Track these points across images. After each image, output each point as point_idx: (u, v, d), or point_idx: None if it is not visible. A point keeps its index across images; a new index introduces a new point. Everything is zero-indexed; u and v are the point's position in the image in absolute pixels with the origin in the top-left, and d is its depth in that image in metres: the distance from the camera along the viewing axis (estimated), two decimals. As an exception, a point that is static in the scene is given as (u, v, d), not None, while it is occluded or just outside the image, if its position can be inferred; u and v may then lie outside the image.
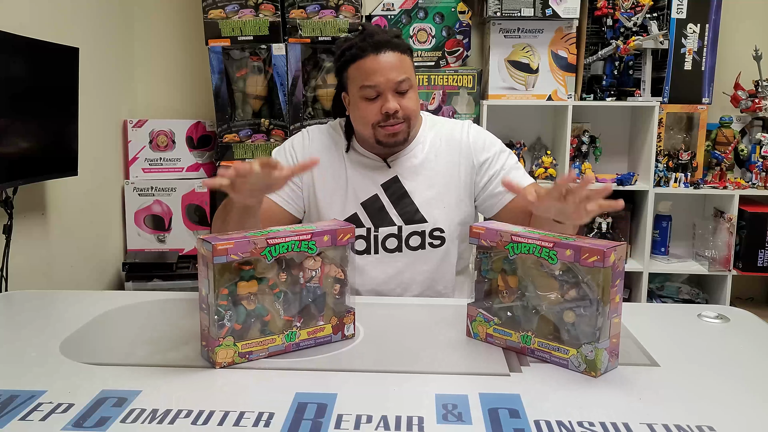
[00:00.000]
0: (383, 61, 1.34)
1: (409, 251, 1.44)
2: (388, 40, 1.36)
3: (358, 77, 1.37)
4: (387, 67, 1.34)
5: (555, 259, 0.98)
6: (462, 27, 2.68)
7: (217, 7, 2.50)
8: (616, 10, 2.57)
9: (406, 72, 1.37)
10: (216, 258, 0.95)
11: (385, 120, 1.36)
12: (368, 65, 1.35)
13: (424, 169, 1.45)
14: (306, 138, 1.51)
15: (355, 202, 1.45)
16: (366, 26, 1.42)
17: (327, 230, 1.05)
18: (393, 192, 1.45)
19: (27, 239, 2.04)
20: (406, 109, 1.37)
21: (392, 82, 1.35)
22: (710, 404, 0.89)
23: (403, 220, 1.44)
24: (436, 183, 1.45)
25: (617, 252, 0.95)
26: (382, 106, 1.35)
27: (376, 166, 1.46)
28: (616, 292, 0.96)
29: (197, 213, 2.71)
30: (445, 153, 1.46)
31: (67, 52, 2.04)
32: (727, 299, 2.61)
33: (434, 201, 1.44)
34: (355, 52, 1.36)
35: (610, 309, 0.95)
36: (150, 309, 1.31)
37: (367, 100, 1.37)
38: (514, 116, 2.77)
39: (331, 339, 1.09)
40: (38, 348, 1.07)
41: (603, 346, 0.96)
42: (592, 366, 0.97)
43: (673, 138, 2.69)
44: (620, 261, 0.96)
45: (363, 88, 1.36)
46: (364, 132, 1.41)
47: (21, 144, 1.87)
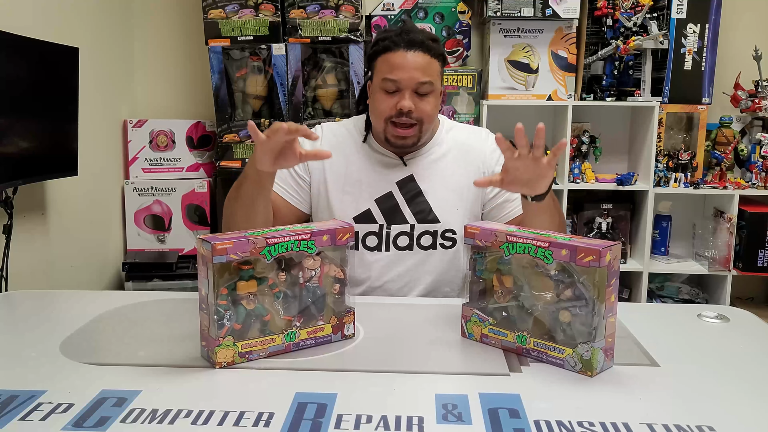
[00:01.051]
0: (411, 59, 1.35)
1: (420, 250, 1.45)
2: (423, 40, 1.37)
3: (383, 69, 1.38)
4: (412, 66, 1.35)
5: (551, 258, 0.98)
6: (462, 27, 2.68)
7: (217, 7, 2.50)
8: (616, 10, 2.57)
9: (431, 76, 1.37)
10: (215, 258, 0.95)
11: (398, 116, 1.37)
12: (395, 59, 1.36)
13: (439, 170, 1.46)
14: (320, 133, 1.50)
15: (369, 199, 1.45)
16: (407, 22, 1.42)
17: (326, 230, 1.05)
18: (408, 190, 1.45)
19: (27, 239, 2.04)
20: (421, 111, 1.38)
21: (414, 81, 1.35)
22: (710, 404, 0.89)
23: (416, 219, 1.44)
24: (451, 185, 1.46)
25: (612, 251, 0.95)
26: (398, 102, 1.36)
27: (392, 164, 1.47)
28: (611, 292, 0.96)
29: (197, 213, 2.71)
30: (462, 157, 1.48)
31: (67, 52, 2.04)
32: (727, 299, 2.61)
33: (448, 203, 1.45)
34: (387, 44, 1.37)
35: (605, 308, 0.95)
36: (150, 309, 1.31)
37: (386, 93, 1.38)
38: (514, 116, 2.76)
39: (330, 339, 1.09)
40: (38, 348, 1.07)
41: (599, 346, 0.96)
42: (588, 366, 0.96)
43: (673, 138, 2.69)
44: (615, 260, 0.96)
45: (385, 80, 1.37)
46: (377, 125, 1.43)
47: (21, 144, 1.87)
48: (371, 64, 1.43)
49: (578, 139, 2.70)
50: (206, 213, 2.70)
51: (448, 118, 1.57)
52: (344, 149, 1.48)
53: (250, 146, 2.59)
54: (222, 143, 2.59)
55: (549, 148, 2.97)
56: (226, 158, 2.60)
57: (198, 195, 2.70)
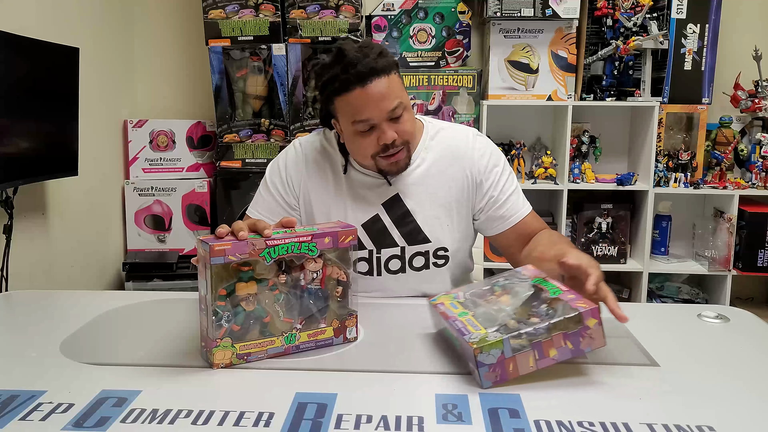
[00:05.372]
0: (371, 92, 1.22)
1: (413, 272, 1.39)
2: (372, 67, 1.22)
3: (347, 112, 1.26)
4: (377, 98, 1.23)
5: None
6: (462, 27, 2.68)
7: (217, 7, 2.50)
8: (616, 10, 2.58)
9: (397, 95, 1.26)
10: (213, 259, 0.95)
11: (384, 150, 1.29)
12: (356, 100, 1.23)
13: (425, 185, 1.38)
14: (299, 155, 1.41)
15: (356, 224, 1.34)
16: (343, 49, 1.24)
17: (328, 232, 1.05)
18: (395, 211, 1.38)
19: (27, 239, 2.04)
20: (403, 134, 1.29)
21: (385, 111, 1.25)
22: (710, 404, 0.89)
23: (406, 242, 1.38)
24: (439, 200, 1.39)
25: (596, 331, 0.94)
26: (378, 138, 1.27)
27: (376, 184, 1.38)
28: (559, 348, 0.94)
29: (197, 213, 2.71)
30: (447, 166, 1.39)
31: (67, 52, 2.04)
32: (727, 299, 2.61)
33: (437, 220, 1.38)
34: (339, 87, 1.24)
35: (540, 342, 0.94)
36: (150, 309, 1.31)
37: (362, 134, 1.27)
38: (514, 116, 2.77)
39: (332, 342, 1.08)
40: (38, 348, 1.07)
41: (505, 343, 0.93)
42: (479, 338, 0.94)
43: (673, 138, 2.69)
44: (590, 339, 0.94)
45: (355, 123, 1.26)
46: (364, 162, 1.35)
47: (21, 144, 1.87)
48: (327, 105, 1.30)
49: (578, 139, 2.70)
50: (206, 213, 2.71)
51: (434, 118, 1.48)
52: (326, 174, 1.40)
53: (250, 146, 2.60)
54: (222, 143, 2.59)
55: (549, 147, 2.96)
56: (226, 158, 2.60)
57: (198, 195, 2.70)
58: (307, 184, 1.39)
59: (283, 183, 1.40)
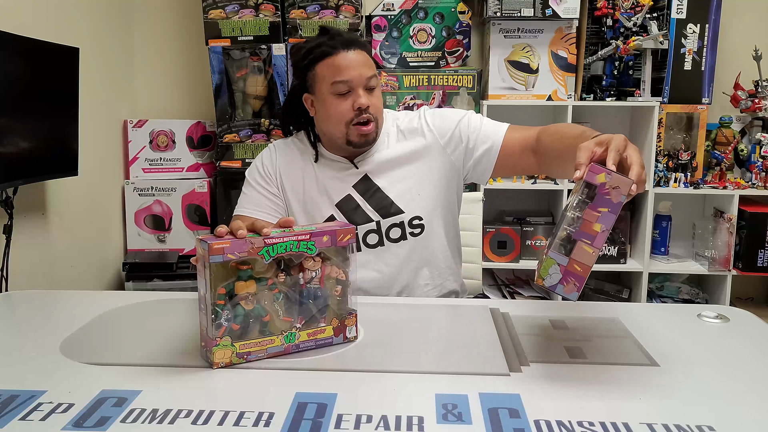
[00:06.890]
0: (353, 57, 1.37)
1: (391, 244, 1.45)
2: (356, 39, 1.41)
3: (328, 74, 1.38)
4: (359, 63, 1.37)
5: None
6: (462, 27, 2.68)
7: (217, 7, 2.50)
8: (616, 10, 2.58)
9: (373, 70, 1.41)
10: (212, 257, 0.95)
11: (358, 116, 1.38)
12: (340, 61, 1.37)
13: (391, 163, 1.46)
14: (273, 152, 1.52)
15: (330, 205, 1.46)
16: (327, 27, 1.43)
17: (326, 231, 1.05)
18: (365, 189, 1.46)
19: (27, 239, 2.04)
20: (374, 106, 1.40)
21: (363, 77, 1.37)
22: (710, 404, 0.89)
23: (380, 215, 1.44)
24: (407, 174, 1.46)
25: (612, 180, 0.90)
26: (354, 102, 1.37)
27: (345, 168, 1.47)
28: (597, 219, 0.90)
29: (197, 213, 2.71)
30: (410, 144, 1.47)
31: (67, 52, 2.04)
32: (727, 299, 2.61)
33: (408, 191, 1.45)
34: (325, 50, 1.37)
35: (580, 227, 0.91)
36: (150, 309, 1.31)
37: (339, 96, 1.38)
38: (514, 116, 2.77)
39: (332, 341, 1.08)
40: (38, 348, 1.07)
41: (554, 257, 0.92)
42: (538, 272, 0.93)
43: (672, 138, 2.69)
44: (615, 190, 0.90)
45: (335, 83, 1.37)
46: (336, 131, 1.42)
47: (21, 144, 1.87)
48: (306, 75, 1.42)
49: (578, 139, 2.70)
50: (206, 213, 2.71)
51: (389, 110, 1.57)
52: (299, 163, 1.49)
53: (250, 146, 2.60)
54: (222, 143, 2.59)
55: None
56: (226, 158, 2.60)
57: (198, 195, 2.70)
58: (281, 172, 1.50)
59: (263, 176, 1.50)
